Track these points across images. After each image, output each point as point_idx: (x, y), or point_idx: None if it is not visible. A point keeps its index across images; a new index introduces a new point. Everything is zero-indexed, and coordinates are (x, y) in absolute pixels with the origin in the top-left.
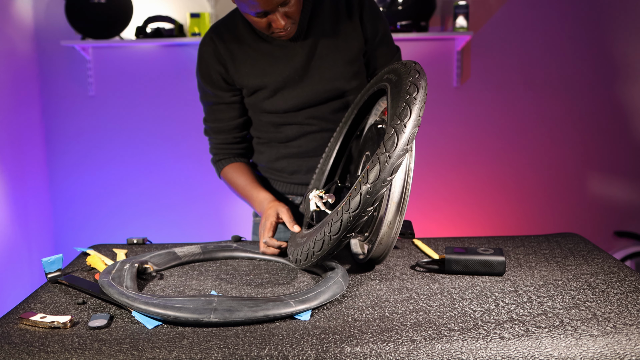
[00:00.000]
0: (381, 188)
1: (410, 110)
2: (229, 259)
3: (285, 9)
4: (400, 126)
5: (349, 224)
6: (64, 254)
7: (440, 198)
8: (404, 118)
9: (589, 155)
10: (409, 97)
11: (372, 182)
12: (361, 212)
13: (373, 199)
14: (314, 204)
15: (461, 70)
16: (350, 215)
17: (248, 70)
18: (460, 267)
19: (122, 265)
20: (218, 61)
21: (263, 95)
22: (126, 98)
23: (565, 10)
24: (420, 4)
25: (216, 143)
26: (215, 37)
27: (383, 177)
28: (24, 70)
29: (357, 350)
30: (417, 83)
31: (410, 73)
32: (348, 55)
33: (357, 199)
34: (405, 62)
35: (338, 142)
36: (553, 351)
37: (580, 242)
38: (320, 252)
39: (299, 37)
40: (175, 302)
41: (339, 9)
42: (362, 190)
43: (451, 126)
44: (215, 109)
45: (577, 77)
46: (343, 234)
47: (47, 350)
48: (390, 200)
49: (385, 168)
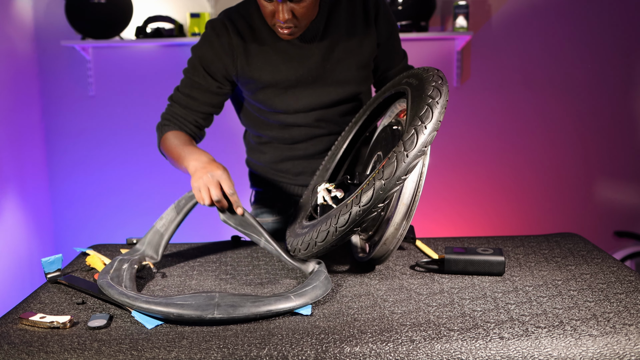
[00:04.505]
0: (395, 186)
1: (432, 112)
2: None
3: (294, 5)
4: (421, 127)
5: (357, 217)
6: (64, 254)
7: (440, 198)
8: (425, 120)
9: (589, 155)
10: (431, 101)
11: (387, 178)
12: (371, 207)
13: (385, 195)
14: (322, 197)
15: (461, 70)
16: (360, 208)
17: (261, 64)
18: (460, 267)
19: (120, 265)
20: (227, 52)
21: (273, 93)
22: (126, 98)
23: (565, 10)
24: (420, 4)
25: (174, 112)
26: (229, 25)
27: (398, 175)
28: (24, 70)
29: (356, 350)
30: (440, 88)
31: (433, 78)
32: (361, 60)
33: (370, 193)
34: (428, 68)
35: (346, 141)
36: (552, 351)
37: (580, 242)
38: (324, 243)
39: (315, 38)
40: (177, 300)
41: (355, 12)
42: (375, 185)
43: (451, 126)
44: (197, 88)
45: (577, 77)
46: (350, 227)
47: (47, 350)
48: (400, 201)
49: (402, 166)
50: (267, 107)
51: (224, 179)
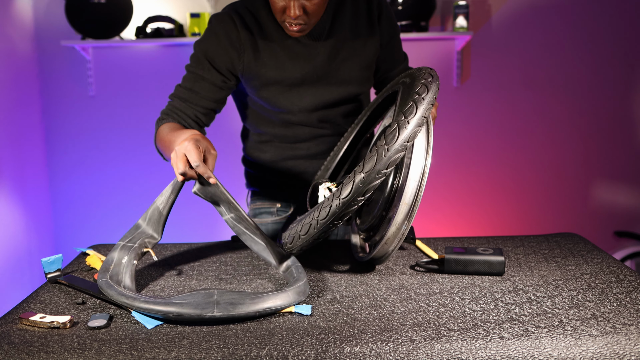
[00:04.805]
0: (375, 179)
1: (417, 108)
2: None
3: (305, 2)
4: (403, 122)
5: (337, 210)
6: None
7: (440, 198)
8: (409, 115)
9: (589, 155)
10: (417, 97)
11: (367, 171)
12: (351, 200)
13: (365, 188)
14: (322, 195)
15: (461, 70)
16: (340, 201)
17: (267, 60)
18: (460, 267)
19: (120, 259)
20: (234, 46)
21: (278, 90)
22: (126, 98)
23: (565, 10)
24: (420, 4)
25: (174, 106)
26: (236, 18)
27: (378, 169)
28: (24, 70)
29: (356, 350)
30: (429, 85)
31: (423, 76)
32: (365, 60)
33: (350, 186)
34: (422, 68)
35: (347, 142)
36: (552, 351)
37: (579, 242)
38: (306, 235)
39: (321, 36)
40: (176, 299)
41: (359, 13)
42: (355, 179)
43: (451, 126)
44: (200, 81)
45: (577, 77)
46: (330, 220)
47: (47, 350)
48: (402, 201)
49: (382, 160)
50: (270, 105)
51: (189, 150)
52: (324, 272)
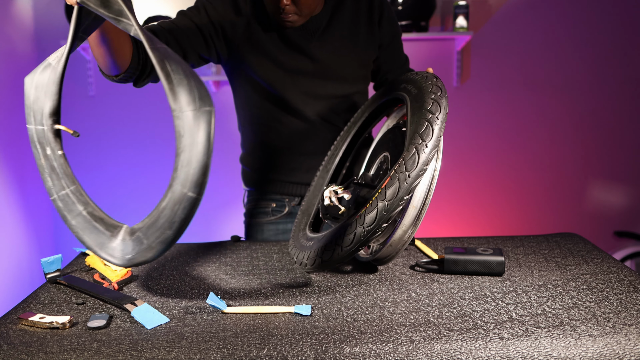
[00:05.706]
0: (398, 206)
1: (433, 129)
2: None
3: None
4: (422, 146)
5: (362, 237)
6: (64, 254)
7: (440, 198)
8: (426, 138)
9: (589, 155)
10: (431, 117)
11: (390, 199)
12: (375, 227)
13: (389, 216)
14: (328, 199)
15: (461, 70)
16: (364, 229)
17: (266, 40)
18: (460, 267)
19: (45, 152)
20: (236, 8)
21: (272, 69)
22: (126, 98)
23: (565, 10)
24: (420, 4)
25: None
26: None
27: (401, 196)
28: (24, 70)
29: (356, 351)
30: (440, 101)
31: (432, 89)
32: (362, 59)
33: (373, 214)
34: (426, 75)
35: (345, 142)
36: (552, 351)
37: (579, 242)
38: (329, 260)
39: (316, 31)
40: None
41: (359, 12)
42: (378, 207)
43: (451, 126)
44: (187, 21)
45: (577, 77)
46: (355, 247)
47: (46, 350)
48: (411, 205)
49: (404, 187)
50: (266, 93)
51: None
52: (324, 272)
